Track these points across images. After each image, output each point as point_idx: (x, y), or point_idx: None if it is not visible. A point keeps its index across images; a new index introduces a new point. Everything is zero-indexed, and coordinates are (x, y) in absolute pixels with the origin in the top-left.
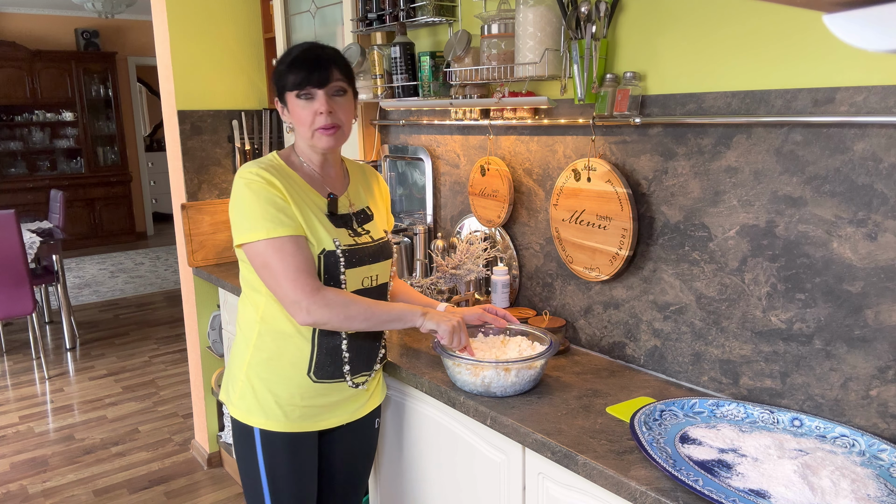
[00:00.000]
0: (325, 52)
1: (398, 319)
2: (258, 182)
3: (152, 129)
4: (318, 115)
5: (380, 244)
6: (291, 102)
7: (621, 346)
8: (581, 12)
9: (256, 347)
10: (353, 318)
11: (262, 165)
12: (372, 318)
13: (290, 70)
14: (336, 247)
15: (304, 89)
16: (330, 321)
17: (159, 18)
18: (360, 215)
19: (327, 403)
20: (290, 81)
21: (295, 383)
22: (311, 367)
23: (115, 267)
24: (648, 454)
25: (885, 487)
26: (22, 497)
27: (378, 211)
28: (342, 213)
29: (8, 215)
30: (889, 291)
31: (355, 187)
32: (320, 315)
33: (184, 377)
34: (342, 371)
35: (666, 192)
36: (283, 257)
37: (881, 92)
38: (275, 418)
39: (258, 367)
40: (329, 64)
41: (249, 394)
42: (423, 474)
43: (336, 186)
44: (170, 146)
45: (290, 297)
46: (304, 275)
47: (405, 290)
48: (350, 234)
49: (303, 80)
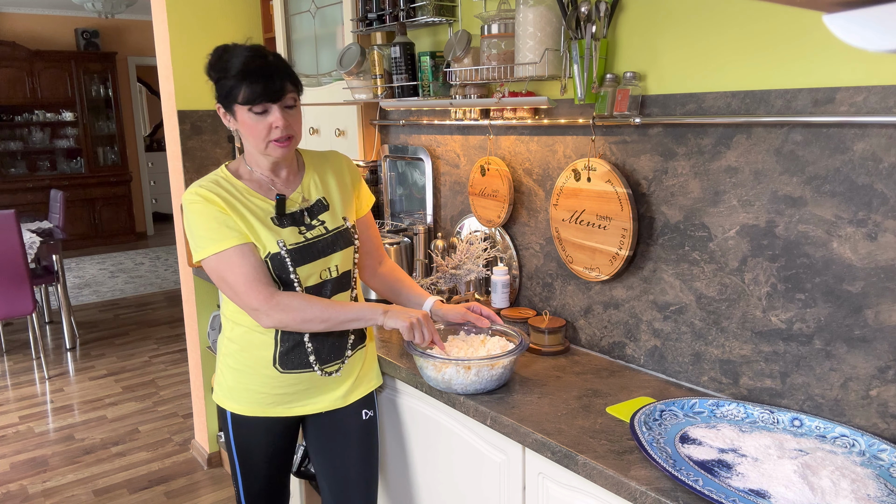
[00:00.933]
0: (273, 63)
1: (357, 319)
2: (197, 202)
3: (152, 129)
4: (273, 129)
5: (335, 234)
6: (241, 114)
7: (621, 346)
8: (581, 12)
9: (230, 339)
10: (310, 321)
11: (202, 184)
12: (329, 319)
13: (240, 83)
14: (280, 248)
15: (258, 105)
16: (288, 324)
17: (159, 18)
18: (314, 208)
19: (300, 391)
20: (242, 96)
21: (264, 374)
22: (275, 359)
23: (115, 267)
24: (648, 454)
25: (885, 487)
26: (22, 497)
27: (335, 200)
28: (291, 211)
29: (8, 215)
30: (889, 291)
31: (310, 180)
32: (279, 319)
33: (184, 377)
34: (308, 361)
35: (666, 192)
36: (232, 268)
37: (881, 92)
38: (246, 403)
39: (230, 358)
40: (281, 77)
41: (224, 381)
42: (424, 474)
43: (287, 186)
44: (170, 146)
45: (250, 305)
46: (256, 283)
47: (397, 278)
48: (300, 232)
49: (257, 96)
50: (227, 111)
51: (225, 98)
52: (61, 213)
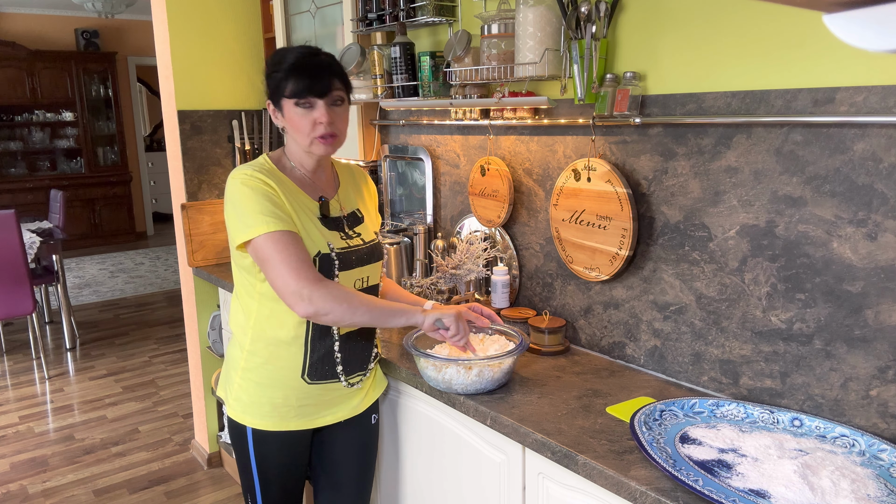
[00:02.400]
0: (324, 61)
1: (401, 314)
2: (253, 180)
3: (152, 129)
4: (317, 125)
5: (370, 246)
6: (288, 109)
7: (621, 346)
8: (581, 12)
9: (250, 353)
10: (357, 310)
11: (254, 167)
12: (374, 310)
13: (288, 77)
14: (330, 250)
15: (304, 98)
16: (332, 311)
17: (159, 18)
18: (351, 218)
19: (323, 402)
20: (290, 89)
21: (290, 386)
22: (304, 369)
23: (115, 267)
24: (648, 454)
25: (885, 487)
26: (22, 497)
27: (368, 213)
28: (334, 216)
29: (8, 215)
30: (889, 291)
31: (345, 190)
32: (322, 305)
33: (184, 377)
34: (336, 372)
35: (666, 192)
36: (283, 249)
37: (881, 92)
38: (269, 418)
39: (252, 372)
40: (330, 73)
41: (244, 396)
42: (424, 474)
43: (327, 190)
44: (170, 146)
45: (291, 287)
46: (305, 265)
47: (394, 289)
48: (342, 237)
49: (304, 90)
50: (276, 107)
51: (274, 92)
52: (61, 213)
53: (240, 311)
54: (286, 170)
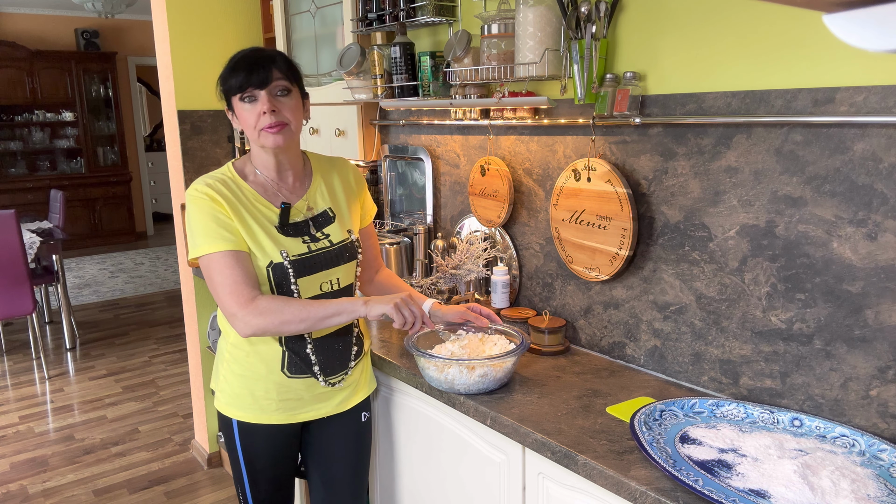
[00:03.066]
0: (264, 53)
1: (337, 314)
2: (201, 199)
3: (152, 129)
4: (261, 116)
5: (339, 248)
6: (237, 107)
7: (621, 346)
8: (581, 12)
9: (234, 345)
10: (289, 322)
11: (209, 181)
12: (308, 318)
13: (231, 74)
14: (284, 258)
15: (245, 91)
16: (266, 329)
17: (159, 18)
18: (320, 219)
19: (305, 398)
20: (233, 85)
21: (270, 380)
22: (283, 364)
23: (115, 267)
24: (648, 454)
25: (885, 487)
26: (22, 497)
27: (342, 211)
28: (296, 220)
29: (8, 215)
30: (889, 291)
31: (316, 189)
32: (256, 324)
33: (184, 377)
34: (314, 371)
35: (666, 192)
36: (221, 271)
37: (881, 92)
38: (251, 410)
39: (235, 364)
40: (269, 63)
41: (228, 388)
42: (423, 474)
43: (294, 192)
44: (170, 146)
45: (228, 311)
46: (240, 286)
47: (394, 283)
48: (304, 242)
49: (244, 83)
50: (230, 110)
51: (225, 95)
52: (61, 213)
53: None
54: (249, 176)
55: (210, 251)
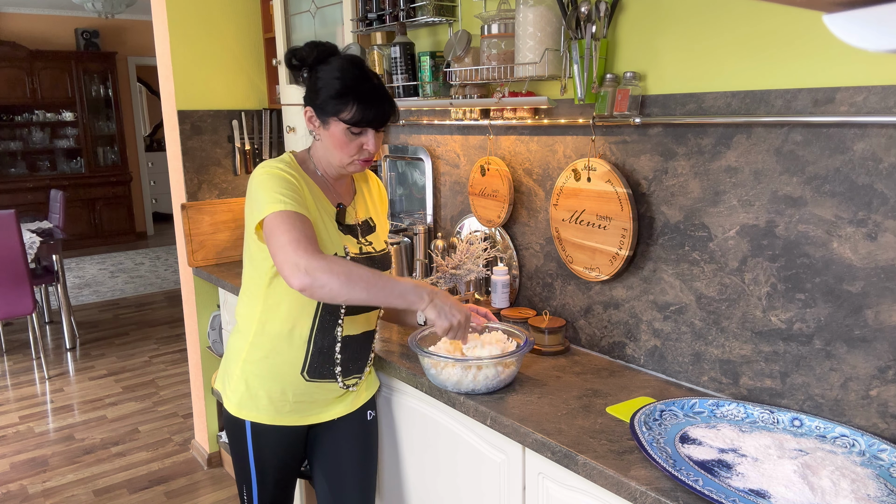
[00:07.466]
0: (386, 93)
1: (400, 296)
2: (278, 170)
3: (152, 129)
4: (363, 150)
5: (381, 255)
6: (337, 128)
7: (621, 346)
8: (581, 12)
9: (253, 345)
10: (355, 283)
11: (281, 161)
12: (374, 286)
13: (354, 103)
14: (346, 253)
15: (363, 128)
16: (329, 283)
17: (159, 18)
18: (364, 226)
19: (318, 401)
20: (352, 116)
21: (288, 381)
22: (304, 366)
23: (115, 267)
24: (648, 454)
25: (885, 487)
26: (22, 497)
27: (379, 222)
28: (349, 223)
29: (8, 215)
30: (889, 291)
31: (361, 198)
32: (319, 276)
33: (184, 377)
34: (334, 373)
35: (666, 192)
36: (290, 226)
37: (881, 92)
38: (265, 412)
39: (253, 365)
40: (391, 104)
41: (243, 388)
42: (424, 474)
43: (345, 197)
44: (170, 146)
45: (290, 259)
46: (307, 240)
47: None
48: (356, 243)
49: (367, 121)
50: (320, 119)
51: (323, 107)
52: (61, 213)
53: (247, 304)
54: (309, 171)
55: (282, 208)
